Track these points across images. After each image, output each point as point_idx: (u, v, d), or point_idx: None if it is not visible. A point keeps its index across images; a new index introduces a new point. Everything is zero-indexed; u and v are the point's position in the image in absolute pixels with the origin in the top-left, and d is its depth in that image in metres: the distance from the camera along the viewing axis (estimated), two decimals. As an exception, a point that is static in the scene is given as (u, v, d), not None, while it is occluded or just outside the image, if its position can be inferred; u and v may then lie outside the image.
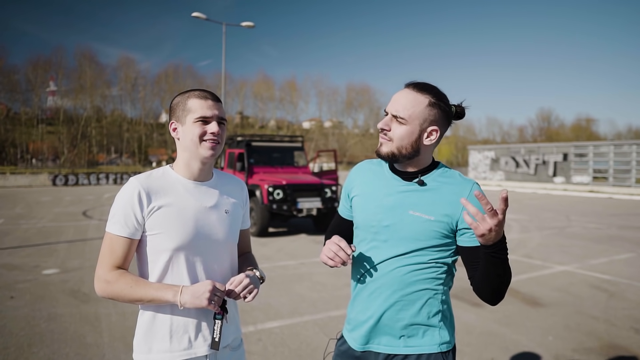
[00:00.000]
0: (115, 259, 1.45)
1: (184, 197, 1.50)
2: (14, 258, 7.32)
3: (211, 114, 1.48)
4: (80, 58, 55.68)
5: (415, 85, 1.45)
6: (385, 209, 1.48)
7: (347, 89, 72.48)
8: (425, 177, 1.49)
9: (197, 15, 21.88)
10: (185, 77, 61.65)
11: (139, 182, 1.46)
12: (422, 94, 1.42)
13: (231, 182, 1.69)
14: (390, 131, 1.45)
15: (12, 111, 54.00)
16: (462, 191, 1.43)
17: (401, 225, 1.45)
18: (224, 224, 1.56)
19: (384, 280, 1.48)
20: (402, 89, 1.48)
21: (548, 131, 73.31)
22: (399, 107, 1.43)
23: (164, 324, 1.47)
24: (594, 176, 27.36)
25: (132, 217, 1.43)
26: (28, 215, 13.30)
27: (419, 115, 1.42)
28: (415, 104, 1.42)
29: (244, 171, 10.90)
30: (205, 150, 1.49)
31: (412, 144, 1.44)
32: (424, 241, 1.43)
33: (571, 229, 11.25)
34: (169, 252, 1.46)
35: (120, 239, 1.44)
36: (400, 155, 1.45)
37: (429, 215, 1.42)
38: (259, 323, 4.44)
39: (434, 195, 1.44)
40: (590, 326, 4.42)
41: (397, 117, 1.43)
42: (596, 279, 6.28)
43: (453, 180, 1.47)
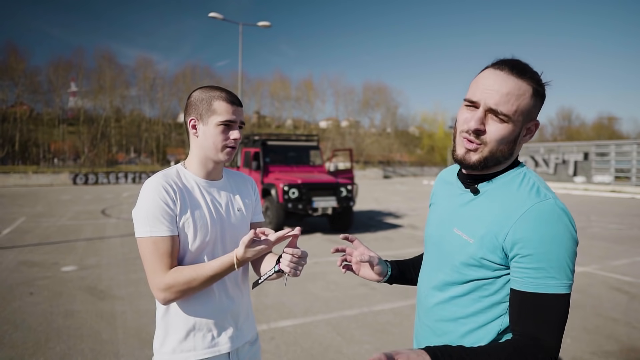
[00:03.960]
0: (166, 262, 1.39)
1: (201, 196, 1.51)
2: (34, 255, 7.47)
3: (236, 119, 1.50)
4: (99, 59, 56.56)
5: (514, 67, 1.07)
6: (438, 222, 1.23)
7: (364, 88, 72.19)
8: (485, 183, 1.14)
9: (214, 16, 22.03)
10: (203, 77, 62.09)
11: (160, 180, 1.44)
12: (524, 80, 1.06)
13: (240, 180, 1.71)
14: (484, 132, 1.08)
15: (34, 112, 55.12)
16: (516, 210, 1.04)
17: (443, 246, 1.17)
18: (238, 221, 1.59)
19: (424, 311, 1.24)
20: (490, 68, 1.10)
21: (568, 130, 72.03)
22: (499, 98, 1.05)
23: (186, 323, 1.47)
24: (616, 176, 26.75)
25: (167, 214, 1.40)
26: (48, 214, 13.56)
27: (524, 110, 1.07)
28: (520, 94, 1.05)
29: (259, 170, 10.95)
30: (224, 155, 1.52)
31: (510, 146, 1.10)
32: (461, 271, 1.11)
33: (592, 229, 11.02)
34: (191, 250, 1.46)
35: (163, 240, 1.39)
36: (492, 162, 1.11)
37: (470, 236, 1.09)
38: (272, 322, 4.44)
39: (484, 210, 1.10)
40: (610, 329, 4.31)
41: (496, 112, 1.06)
42: (617, 280, 6.14)
43: (517, 192, 1.08)
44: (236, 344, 1.54)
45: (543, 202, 1.03)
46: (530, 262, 0.99)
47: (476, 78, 1.12)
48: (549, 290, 0.98)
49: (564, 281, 0.99)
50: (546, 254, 0.98)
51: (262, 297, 5.18)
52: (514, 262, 1.03)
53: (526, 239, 1.00)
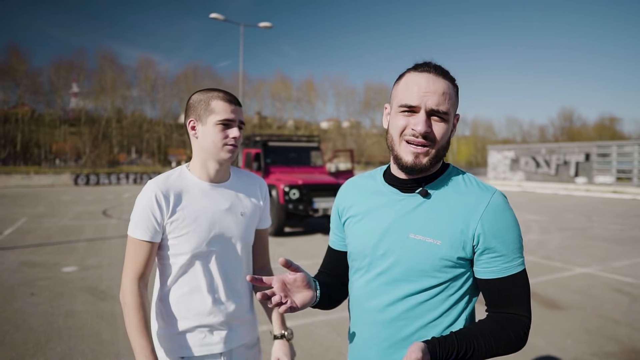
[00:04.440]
0: (138, 266, 1.45)
1: (201, 200, 1.50)
2: (35, 256, 7.48)
3: (234, 118, 1.49)
4: (101, 60, 56.70)
5: (437, 68, 1.12)
6: (381, 232, 1.16)
7: (365, 89, 72.27)
8: (430, 185, 1.16)
9: (215, 17, 22.06)
10: (204, 78, 62.20)
11: (157, 185, 1.46)
12: (447, 80, 1.11)
13: (249, 181, 1.68)
14: (432, 134, 1.10)
15: (36, 112, 55.27)
16: (477, 204, 1.09)
17: (401, 254, 1.12)
18: (240, 226, 1.57)
19: (380, 328, 1.16)
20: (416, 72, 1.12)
21: (570, 131, 71.93)
22: (437, 99, 1.08)
23: (178, 320, 1.49)
24: (618, 176, 26.72)
25: (152, 221, 1.44)
26: (50, 214, 13.58)
27: (454, 107, 1.13)
28: (450, 92, 1.11)
29: (260, 171, 10.95)
30: (225, 154, 1.50)
31: (448, 143, 1.15)
32: (432, 274, 1.10)
33: (593, 230, 11.01)
34: (186, 255, 1.48)
35: (142, 244, 1.45)
36: (437, 161, 1.13)
37: (435, 238, 1.09)
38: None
39: (440, 210, 1.11)
40: (611, 330, 4.30)
41: (438, 112, 1.09)
42: (618, 281, 6.13)
43: (468, 190, 1.13)
44: (229, 345, 1.54)
45: (495, 194, 1.11)
46: (500, 250, 1.08)
47: (403, 83, 1.13)
48: (515, 271, 1.09)
49: (522, 259, 1.11)
50: (510, 240, 1.09)
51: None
52: (484, 253, 1.09)
53: (494, 230, 1.08)
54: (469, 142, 69.54)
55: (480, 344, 1.04)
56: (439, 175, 1.17)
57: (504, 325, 1.07)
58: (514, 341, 1.07)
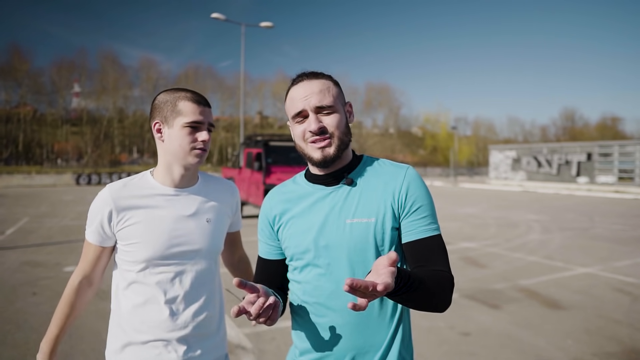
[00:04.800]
0: (86, 264, 1.45)
1: (160, 206, 1.42)
2: (37, 255, 7.50)
3: (203, 120, 1.40)
4: (102, 60, 56.83)
5: (309, 74, 1.26)
6: (319, 226, 1.24)
7: (367, 89, 72.20)
8: (352, 174, 1.28)
9: (217, 17, 22.09)
10: (205, 78, 62.30)
11: (111, 192, 1.39)
12: (321, 78, 1.25)
13: (219, 187, 1.58)
14: (326, 127, 1.22)
15: (38, 112, 55.37)
16: (396, 177, 1.24)
17: (342, 239, 1.21)
18: (205, 233, 1.46)
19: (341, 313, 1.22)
20: (294, 85, 1.26)
21: (572, 130, 71.88)
22: (317, 97, 1.21)
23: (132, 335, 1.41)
24: (620, 176, 26.69)
25: (100, 228, 1.40)
26: (51, 214, 13.61)
27: (337, 97, 1.25)
28: (327, 87, 1.24)
29: (261, 171, 10.96)
30: (193, 158, 1.41)
31: (347, 129, 1.27)
32: (374, 250, 1.20)
33: (594, 230, 10.99)
34: (141, 264, 1.39)
35: (90, 245, 1.44)
36: (345, 146, 1.25)
37: (369, 217, 1.20)
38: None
39: (366, 192, 1.24)
40: (612, 330, 4.30)
41: (322, 107, 1.22)
42: (619, 281, 6.12)
43: (384, 169, 1.28)
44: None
45: (409, 168, 1.27)
46: (421, 213, 1.21)
47: (288, 99, 1.27)
48: (434, 233, 1.21)
49: (438, 225, 1.24)
50: (427, 205, 1.23)
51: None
52: (408, 217, 1.21)
53: (415, 196, 1.22)
54: (470, 142, 69.46)
55: (423, 283, 1.09)
56: (357, 165, 1.30)
57: (437, 276, 1.15)
58: (444, 292, 1.14)
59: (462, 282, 6.02)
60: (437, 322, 4.48)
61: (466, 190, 28.29)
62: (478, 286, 5.84)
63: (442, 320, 4.53)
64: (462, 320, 4.55)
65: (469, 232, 10.62)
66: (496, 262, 7.36)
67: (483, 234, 10.35)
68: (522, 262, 7.32)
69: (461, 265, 7.07)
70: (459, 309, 4.91)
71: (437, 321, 4.51)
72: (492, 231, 10.75)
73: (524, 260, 7.51)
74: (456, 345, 3.96)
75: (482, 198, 21.56)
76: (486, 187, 31.70)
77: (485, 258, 7.67)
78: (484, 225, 11.75)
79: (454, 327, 4.36)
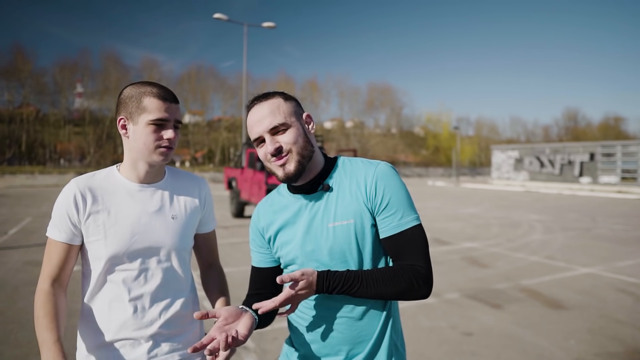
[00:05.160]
0: (52, 267, 1.36)
1: (125, 202, 1.39)
2: (40, 255, 7.51)
3: (169, 117, 1.35)
4: (105, 60, 56.91)
5: (259, 98, 1.31)
6: (305, 232, 1.31)
7: (369, 89, 72.07)
8: (327, 179, 1.33)
9: (219, 17, 22.13)
10: (207, 78, 62.37)
11: (77, 184, 1.37)
12: (270, 98, 1.30)
13: (186, 182, 1.54)
14: (281, 146, 1.26)
15: (41, 113, 55.46)
16: (366, 176, 1.28)
17: (326, 243, 1.28)
18: (170, 230, 1.43)
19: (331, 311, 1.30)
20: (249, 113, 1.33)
21: (574, 130, 71.71)
22: (268, 120, 1.26)
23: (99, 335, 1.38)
24: (623, 176, 26.61)
25: (67, 221, 1.35)
26: (54, 214, 13.64)
27: (288, 112, 1.29)
28: (276, 106, 1.28)
29: (264, 171, 10.97)
30: (157, 156, 1.37)
31: (305, 140, 1.30)
32: (356, 249, 1.27)
33: (597, 230, 10.97)
34: (104, 260, 1.35)
35: (56, 244, 1.36)
36: (306, 158, 1.28)
37: (348, 219, 1.26)
38: (275, 322, 4.43)
39: (342, 195, 1.29)
40: (615, 330, 4.29)
41: (275, 127, 1.26)
42: (622, 281, 6.10)
43: (355, 169, 1.32)
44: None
45: (380, 164, 1.30)
46: (390, 209, 1.25)
47: (247, 125, 1.33)
48: (410, 225, 1.25)
49: (414, 215, 1.26)
50: (399, 198, 1.26)
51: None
52: (380, 214, 1.26)
53: (383, 191, 1.25)
54: (472, 142, 69.35)
55: (369, 281, 1.19)
56: (331, 169, 1.35)
57: (396, 270, 1.22)
58: (406, 284, 1.20)
59: (464, 282, 6.02)
60: (439, 322, 4.48)
61: (468, 191, 28.25)
62: (480, 286, 5.83)
63: (443, 320, 4.53)
64: (464, 320, 4.55)
65: (471, 232, 10.61)
66: (498, 262, 7.36)
67: (485, 234, 10.34)
68: (525, 262, 7.31)
69: (463, 265, 7.07)
70: (461, 309, 4.91)
71: (439, 321, 4.51)
72: (495, 231, 10.74)
73: (526, 260, 7.51)
74: (458, 345, 3.96)
75: (485, 198, 21.53)
76: (488, 187, 31.65)
77: (488, 258, 7.66)
78: (486, 226, 11.74)
79: (455, 327, 4.36)
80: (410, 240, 1.24)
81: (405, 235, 1.24)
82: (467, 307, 4.98)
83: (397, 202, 1.26)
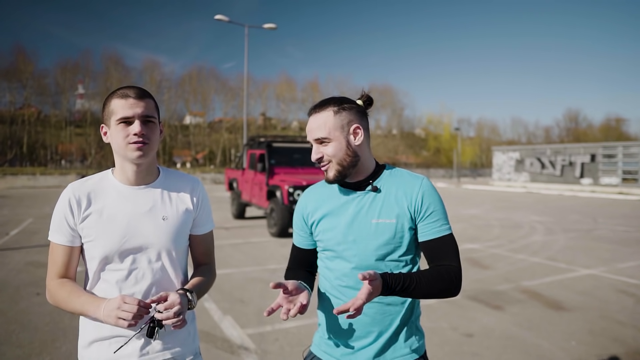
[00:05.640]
0: (57, 268, 1.44)
1: (117, 203, 1.44)
2: (41, 256, 7.53)
3: (132, 114, 1.38)
4: (106, 61, 56.93)
5: (315, 108, 1.51)
6: (349, 223, 1.50)
7: (370, 90, 70.67)
8: (376, 182, 1.53)
9: (220, 18, 22.15)
10: (209, 79, 62.39)
11: (72, 188, 1.44)
12: (323, 111, 1.49)
13: (180, 183, 1.57)
14: (323, 156, 1.49)
15: (42, 114, 55.53)
16: (413, 186, 1.49)
17: (368, 236, 1.47)
18: (160, 231, 1.46)
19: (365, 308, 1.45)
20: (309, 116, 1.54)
21: (575, 132, 71.61)
22: (315, 132, 1.49)
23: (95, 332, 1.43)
24: (624, 177, 26.56)
25: (65, 225, 1.42)
26: (56, 215, 13.65)
27: (333, 127, 1.47)
28: (323, 121, 1.48)
29: (264, 172, 10.98)
30: (132, 152, 1.40)
31: (347, 151, 1.48)
32: (393, 246, 1.47)
33: (598, 231, 10.96)
34: (98, 260, 1.42)
35: (58, 247, 1.43)
36: (346, 167, 1.49)
37: (391, 218, 1.47)
38: (277, 323, 4.45)
39: (389, 198, 1.49)
40: (616, 332, 4.29)
41: (320, 139, 1.48)
42: (623, 283, 6.10)
43: (403, 180, 1.52)
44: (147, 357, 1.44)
45: (424, 179, 1.52)
46: (433, 217, 1.46)
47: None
48: (446, 233, 1.47)
49: (449, 225, 1.49)
50: (439, 210, 1.48)
51: (268, 299, 5.19)
52: (423, 220, 1.46)
53: (428, 203, 1.47)
54: (473, 143, 69.26)
55: (421, 280, 1.37)
56: (380, 173, 1.55)
57: (440, 271, 1.42)
58: (448, 282, 1.41)
59: (465, 283, 6.02)
60: (440, 323, 4.48)
61: (469, 192, 28.24)
62: (481, 287, 5.83)
63: (445, 321, 4.53)
64: (465, 321, 4.55)
65: (472, 233, 10.60)
66: (499, 263, 7.36)
67: (486, 235, 10.34)
68: (526, 263, 7.31)
69: (464, 266, 7.05)
70: (462, 310, 4.91)
71: (440, 322, 4.51)
72: (496, 232, 10.74)
73: (528, 261, 7.50)
74: (459, 346, 3.96)
75: (485, 199, 21.52)
76: (489, 188, 31.63)
77: (489, 259, 7.66)
78: (488, 227, 11.73)
79: (457, 328, 4.36)
80: (447, 245, 1.46)
81: (443, 240, 1.46)
82: (468, 308, 4.98)
83: (438, 212, 1.47)
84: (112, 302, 1.32)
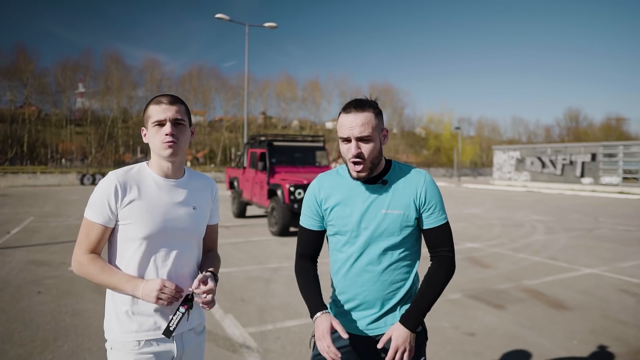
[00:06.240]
0: (90, 243, 1.61)
1: (155, 192, 1.65)
2: (42, 255, 7.53)
3: (164, 117, 1.61)
4: (107, 60, 56.92)
5: (357, 105, 1.61)
6: (361, 212, 1.68)
7: (370, 89, 71.95)
8: (386, 177, 1.71)
9: (221, 17, 22.13)
10: (209, 78, 62.36)
11: (116, 176, 1.61)
12: (365, 111, 1.60)
13: (201, 181, 1.83)
14: (362, 153, 1.61)
15: (43, 113, 55.55)
16: (417, 181, 1.71)
17: (377, 225, 1.66)
18: (192, 218, 1.71)
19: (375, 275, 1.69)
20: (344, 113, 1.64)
21: (576, 131, 71.56)
22: (359, 130, 1.59)
23: (127, 307, 1.60)
24: (624, 177, 26.53)
25: (106, 207, 1.58)
26: (56, 214, 13.66)
27: (375, 128, 1.61)
28: (368, 120, 1.60)
29: (265, 171, 10.97)
30: (164, 150, 1.62)
31: (378, 152, 1.65)
32: (399, 234, 1.67)
33: (599, 230, 10.95)
34: (138, 240, 1.60)
35: (95, 225, 1.59)
36: (374, 166, 1.65)
37: (399, 210, 1.67)
38: (278, 322, 4.45)
39: (397, 191, 1.69)
40: (618, 331, 4.29)
41: (362, 138, 1.60)
42: (625, 282, 6.10)
43: (409, 175, 1.73)
44: (180, 329, 1.65)
45: (426, 174, 1.74)
46: (434, 208, 1.70)
47: (339, 122, 1.65)
48: (444, 221, 1.72)
49: (446, 215, 1.74)
50: (439, 201, 1.72)
51: (269, 298, 5.19)
52: (426, 211, 1.69)
53: (431, 196, 1.70)
54: (474, 143, 69.23)
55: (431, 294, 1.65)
56: (389, 169, 1.73)
57: (437, 274, 1.68)
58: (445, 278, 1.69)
59: (467, 282, 6.02)
60: (442, 322, 4.47)
61: (470, 191, 28.23)
62: (482, 286, 5.83)
63: (446, 321, 4.53)
64: (467, 321, 4.54)
65: (473, 232, 10.60)
66: (500, 262, 7.35)
67: (487, 234, 10.34)
68: (527, 263, 7.30)
69: (465, 266, 7.06)
70: (463, 309, 4.90)
71: (442, 321, 4.50)
72: (497, 231, 10.73)
73: (529, 260, 7.50)
74: (460, 345, 3.96)
75: (486, 198, 21.51)
76: (490, 187, 31.62)
77: (490, 258, 7.65)
78: (488, 226, 11.73)
79: (458, 327, 4.35)
80: (444, 231, 1.71)
81: (442, 227, 1.71)
82: (470, 307, 4.97)
83: (438, 204, 1.70)
84: (152, 284, 1.53)
